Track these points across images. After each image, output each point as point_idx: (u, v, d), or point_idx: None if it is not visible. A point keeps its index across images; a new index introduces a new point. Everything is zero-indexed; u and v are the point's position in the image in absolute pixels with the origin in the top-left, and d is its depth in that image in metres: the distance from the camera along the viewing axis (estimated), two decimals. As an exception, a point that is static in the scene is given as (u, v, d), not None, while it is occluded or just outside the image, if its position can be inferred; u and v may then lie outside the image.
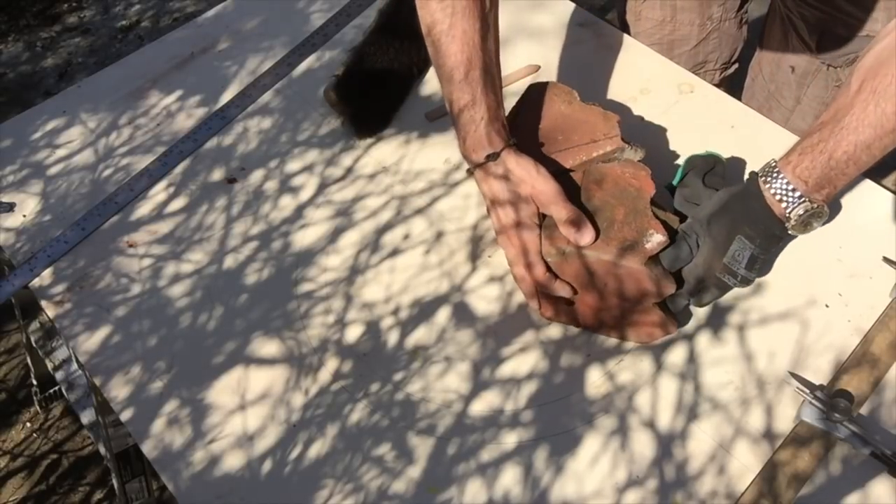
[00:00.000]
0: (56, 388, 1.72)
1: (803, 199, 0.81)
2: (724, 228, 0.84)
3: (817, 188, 0.81)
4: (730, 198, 0.85)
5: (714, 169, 0.92)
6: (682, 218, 0.89)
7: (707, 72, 1.40)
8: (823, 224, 0.84)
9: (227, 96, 1.18)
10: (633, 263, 0.82)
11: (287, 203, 1.06)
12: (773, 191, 0.82)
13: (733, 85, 1.43)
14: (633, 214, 0.85)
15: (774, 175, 0.83)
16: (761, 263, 0.85)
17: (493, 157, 0.87)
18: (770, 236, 0.84)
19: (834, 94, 1.15)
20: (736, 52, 1.40)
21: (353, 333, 0.94)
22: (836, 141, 0.79)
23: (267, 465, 0.85)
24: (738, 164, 1.05)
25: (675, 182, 0.93)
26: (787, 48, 1.18)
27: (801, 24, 1.14)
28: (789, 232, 0.84)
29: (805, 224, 0.83)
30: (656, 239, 0.83)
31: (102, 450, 1.44)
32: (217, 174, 1.10)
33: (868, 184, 1.03)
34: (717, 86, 1.41)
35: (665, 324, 0.88)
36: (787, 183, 0.82)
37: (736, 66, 1.43)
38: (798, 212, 0.82)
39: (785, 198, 0.82)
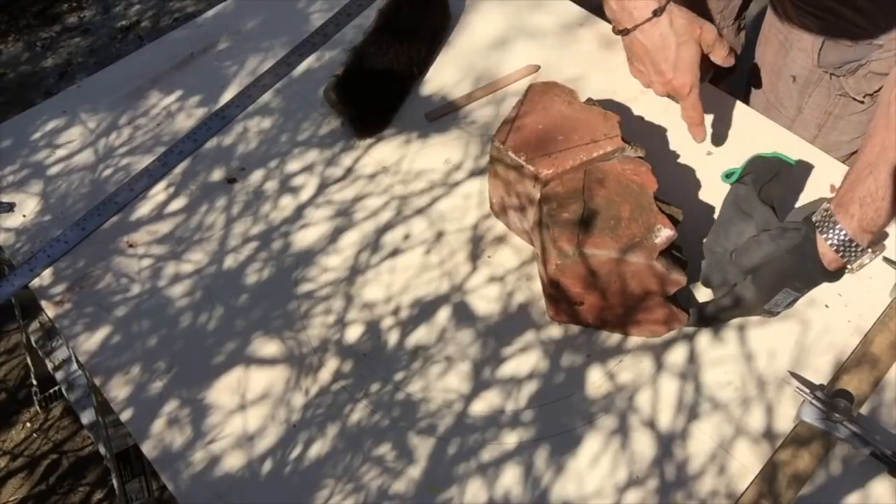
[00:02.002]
0: (56, 388, 1.72)
1: (865, 252, 0.83)
2: (771, 281, 0.86)
3: (871, 234, 0.82)
4: (782, 253, 0.85)
5: (776, 177, 0.91)
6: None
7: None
8: (863, 262, 0.86)
9: (227, 96, 1.18)
10: (642, 259, 0.82)
11: (287, 203, 1.06)
12: (830, 243, 0.83)
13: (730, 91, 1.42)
14: (639, 210, 0.85)
15: (832, 226, 0.83)
16: (795, 299, 0.89)
17: (659, 11, 0.93)
18: (815, 282, 0.86)
19: (835, 104, 1.15)
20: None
21: (354, 333, 0.94)
22: (875, 180, 0.79)
23: (267, 465, 0.85)
24: (737, 164, 1.05)
25: (731, 179, 0.92)
26: (787, 57, 1.17)
27: (803, 32, 1.13)
28: (838, 275, 0.86)
29: (858, 267, 0.86)
30: (664, 234, 0.83)
31: (102, 450, 1.44)
32: (217, 174, 1.10)
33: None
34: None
35: (670, 320, 0.88)
36: (847, 237, 0.82)
37: (732, 74, 1.42)
38: (861, 262, 0.84)
39: (846, 252, 0.83)
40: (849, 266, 0.85)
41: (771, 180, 0.91)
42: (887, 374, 0.86)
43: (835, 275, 0.87)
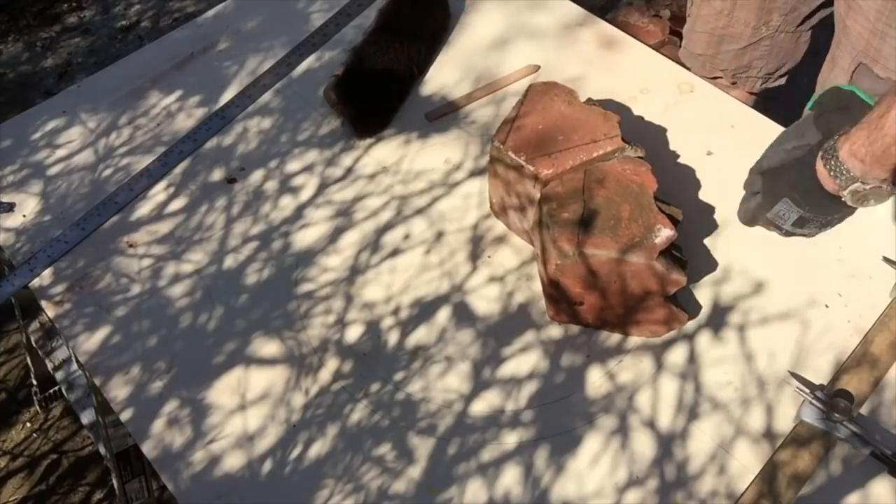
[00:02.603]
0: (56, 388, 1.71)
1: (855, 179, 0.78)
2: (773, 186, 0.85)
3: (877, 164, 0.76)
4: (789, 161, 0.84)
5: (843, 109, 0.86)
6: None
7: (749, 77, 1.36)
8: (884, 198, 0.80)
9: (226, 96, 1.18)
10: (642, 259, 0.82)
11: (287, 203, 1.06)
12: (827, 167, 0.80)
13: (775, 102, 1.38)
14: (639, 210, 0.85)
15: (832, 152, 0.80)
16: (818, 224, 0.85)
17: None
18: (822, 205, 0.82)
19: None
20: (784, 66, 1.35)
21: (354, 333, 0.94)
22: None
23: (267, 465, 0.85)
24: (737, 163, 1.05)
25: (808, 105, 0.90)
26: (831, 73, 1.15)
27: (845, 50, 1.10)
28: (846, 203, 0.81)
29: (861, 200, 0.80)
30: (664, 234, 0.83)
31: (102, 450, 1.44)
32: (217, 174, 1.10)
33: (868, 184, 1.03)
34: (755, 95, 1.37)
35: (670, 320, 0.88)
36: (840, 162, 0.78)
37: (782, 80, 1.38)
38: (852, 189, 0.79)
39: (838, 176, 0.79)
40: (843, 192, 0.80)
41: (836, 111, 0.86)
42: (887, 374, 0.86)
43: (835, 201, 0.82)
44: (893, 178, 0.77)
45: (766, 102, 1.34)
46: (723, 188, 1.03)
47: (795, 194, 0.83)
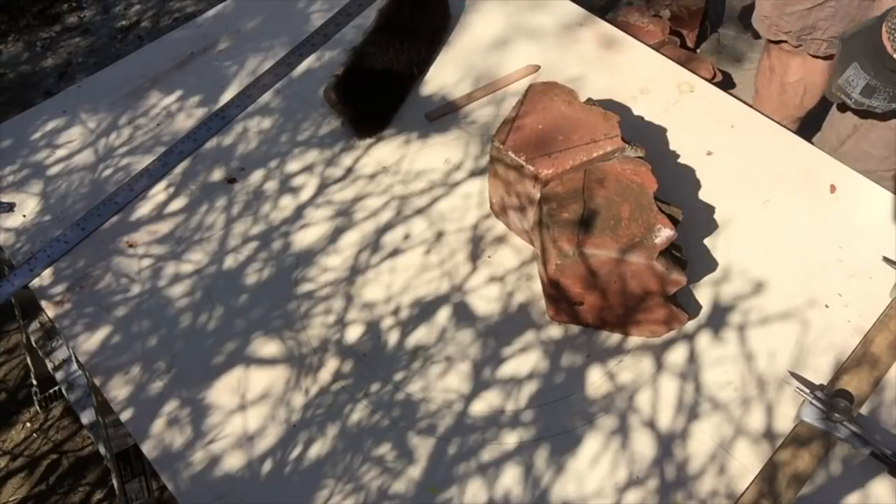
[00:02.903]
0: (56, 388, 1.71)
1: None
2: (845, 54, 0.90)
3: None
4: (862, 29, 0.90)
5: None
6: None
7: (814, 39, 1.33)
8: None
9: (226, 96, 1.18)
10: (642, 259, 0.82)
11: (287, 203, 1.06)
12: (888, 31, 0.85)
13: None
14: (639, 210, 0.85)
15: (894, 18, 0.85)
16: (885, 97, 0.90)
17: None
18: (886, 72, 0.87)
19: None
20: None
21: (354, 333, 0.94)
22: None
23: (267, 465, 0.85)
24: (738, 163, 1.05)
25: None
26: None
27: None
28: None
29: None
30: (664, 234, 0.83)
31: (102, 450, 1.44)
32: (217, 174, 1.10)
33: (868, 184, 1.03)
34: (819, 58, 1.35)
35: (670, 320, 0.88)
36: None
37: None
38: None
39: (894, 40, 0.85)
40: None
41: None
42: (887, 374, 0.86)
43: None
44: None
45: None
46: (723, 188, 1.03)
47: (863, 58, 0.89)
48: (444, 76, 1.19)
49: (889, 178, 1.22)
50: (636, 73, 1.16)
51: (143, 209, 1.06)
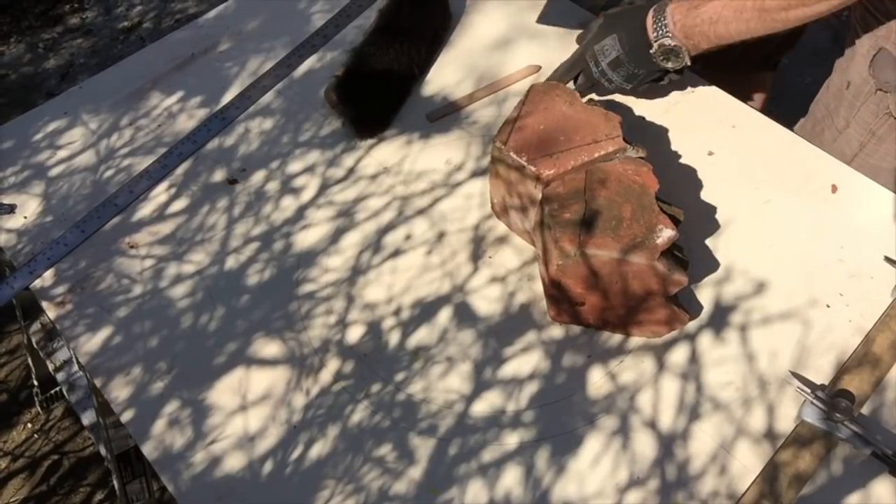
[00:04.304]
0: (57, 389, 1.72)
1: (667, 35, 0.96)
2: (610, 25, 1.01)
3: (683, 33, 0.96)
4: (632, 8, 1.01)
5: None
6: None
7: None
8: (681, 66, 0.99)
9: (227, 97, 1.18)
10: (644, 260, 0.82)
11: (288, 204, 1.06)
12: (654, 18, 0.97)
13: (776, 102, 1.34)
14: (641, 211, 0.85)
15: (661, 9, 0.97)
16: (624, 74, 1.01)
17: None
18: (638, 50, 0.98)
19: (881, 123, 1.11)
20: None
21: (355, 334, 0.94)
22: (709, 5, 0.94)
23: (268, 466, 0.85)
24: (737, 163, 1.05)
25: None
26: (851, 62, 1.13)
27: (865, 36, 1.10)
28: (653, 58, 0.98)
29: (664, 55, 0.98)
30: (666, 234, 0.83)
31: (103, 451, 1.44)
32: (218, 175, 1.10)
33: (868, 183, 1.03)
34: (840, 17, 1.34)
35: (672, 321, 0.88)
36: (664, 17, 0.96)
37: (790, 49, 1.39)
38: (661, 41, 0.97)
39: (657, 29, 0.97)
40: (654, 43, 0.97)
41: None
42: (888, 374, 0.86)
43: (647, 56, 0.99)
44: (689, 48, 0.97)
45: (767, 103, 1.33)
46: (724, 188, 1.03)
47: (624, 33, 0.99)
48: (445, 76, 1.19)
49: None
50: (637, 74, 1.16)
51: (145, 210, 1.06)
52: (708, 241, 0.99)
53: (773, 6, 0.90)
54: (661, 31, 0.97)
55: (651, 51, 0.98)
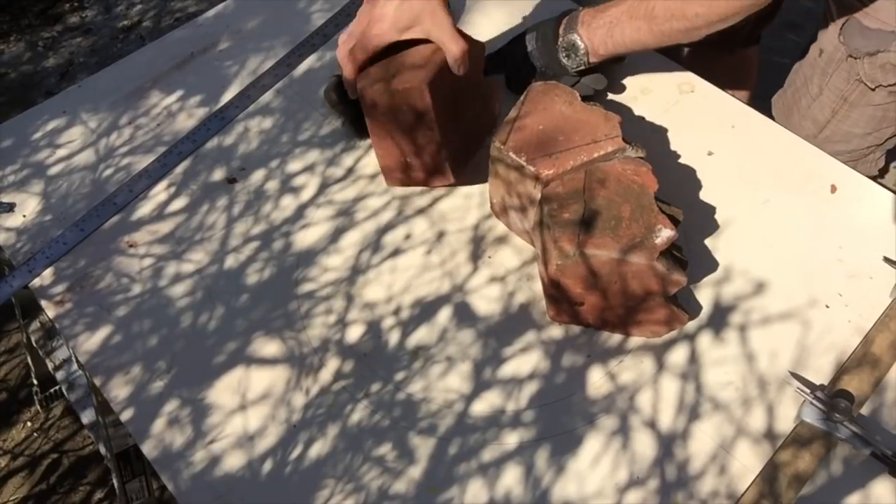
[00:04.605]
0: (56, 387, 1.72)
1: (574, 32, 1.00)
2: (540, 24, 1.06)
3: (587, 36, 1.00)
4: (559, 15, 1.05)
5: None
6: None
7: None
8: (580, 68, 1.03)
9: (227, 96, 1.18)
10: (643, 260, 0.82)
11: (288, 203, 1.06)
12: (566, 17, 1.02)
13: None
14: (640, 211, 0.85)
15: (577, 11, 1.02)
16: (532, 65, 1.06)
17: None
18: (547, 44, 1.04)
19: (853, 89, 1.13)
20: None
21: (354, 333, 0.94)
22: (612, 10, 0.97)
23: (267, 466, 0.85)
24: (738, 163, 1.05)
25: None
26: (825, 31, 1.15)
27: (835, 5, 1.11)
28: (558, 52, 1.02)
29: (565, 51, 1.02)
30: (665, 234, 0.83)
31: (103, 450, 1.44)
32: (218, 174, 1.10)
33: (868, 183, 1.03)
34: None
35: (671, 321, 0.88)
36: (576, 17, 1.01)
37: (771, 20, 1.40)
38: (567, 37, 1.01)
39: (567, 25, 1.02)
40: (561, 38, 1.02)
41: None
42: (888, 375, 0.86)
43: (554, 49, 1.03)
44: (590, 50, 1.01)
45: (766, 102, 1.33)
46: (724, 188, 1.03)
47: (542, 29, 1.04)
48: (444, 76, 1.19)
49: (867, 156, 1.21)
50: (636, 73, 1.16)
51: (144, 209, 1.06)
52: (707, 241, 0.99)
53: (660, 15, 0.93)
54: (569, 28, 1.01)
55: (556, 44, 1.02)
